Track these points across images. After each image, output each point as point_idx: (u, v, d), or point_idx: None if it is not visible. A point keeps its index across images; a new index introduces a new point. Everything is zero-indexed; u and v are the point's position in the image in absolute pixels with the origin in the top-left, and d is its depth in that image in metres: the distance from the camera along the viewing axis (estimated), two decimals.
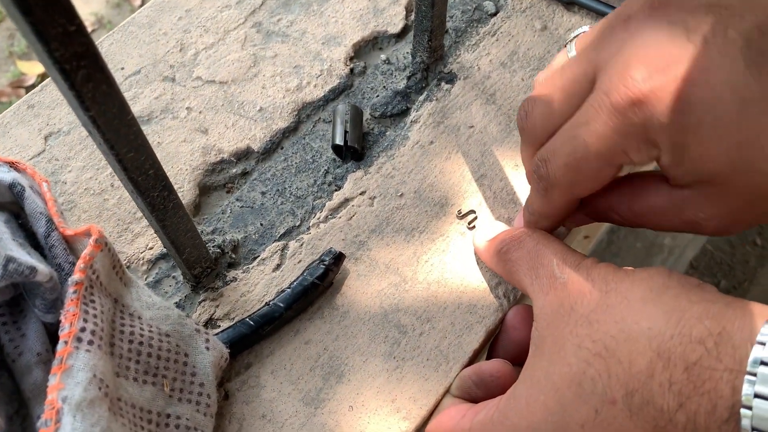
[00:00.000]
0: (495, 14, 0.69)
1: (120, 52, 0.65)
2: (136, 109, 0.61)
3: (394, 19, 0.68)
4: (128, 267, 0.54)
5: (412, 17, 0.69)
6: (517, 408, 0.38)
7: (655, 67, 0.35)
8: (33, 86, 2.10)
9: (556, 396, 0.36)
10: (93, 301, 0.41)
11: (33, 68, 2.13)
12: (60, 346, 0.38)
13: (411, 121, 0.63)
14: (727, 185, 0.36)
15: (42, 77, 2.12)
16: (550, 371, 0.37)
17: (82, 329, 0.39)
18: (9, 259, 0.37)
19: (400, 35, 0.68)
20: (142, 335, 0.44)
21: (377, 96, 0.64)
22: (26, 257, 0.38)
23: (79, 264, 0.41)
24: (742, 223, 0.38)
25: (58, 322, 0.42)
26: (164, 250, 0.55)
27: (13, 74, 2.11)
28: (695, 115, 0.34)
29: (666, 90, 0.34)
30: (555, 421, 0.36)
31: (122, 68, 0.64)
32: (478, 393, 0.47)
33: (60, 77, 0.32)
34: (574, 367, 0.36)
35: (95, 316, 0.41)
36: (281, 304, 0.51)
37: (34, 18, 0.29)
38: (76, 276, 0.40)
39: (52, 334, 0.43)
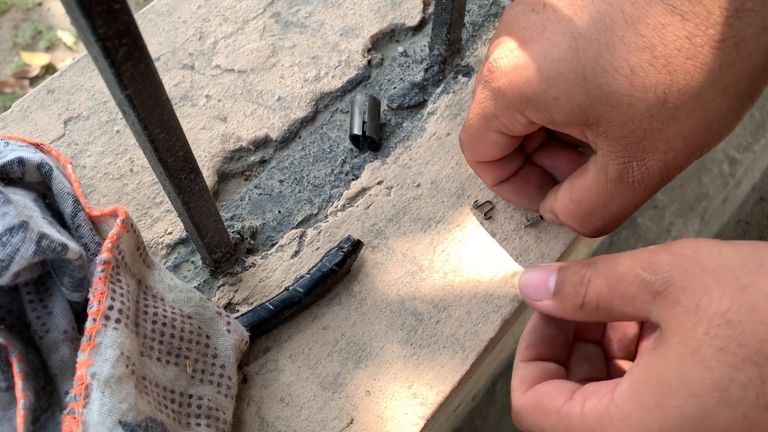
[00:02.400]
0: None
1: None
2: None
3: (411, 12, 0.69)
4: (149, 249, 0.55)
5: (430, 10, 0.69)
6: (642, 408, 0.36)
7: (509, 47, 0.44)
8: (37, 77, 2.10)
9: (694, 402, 0.34)
10: (119, 281, 0.42)
11: (37, 59, 2.13)
12: (89, 324, 0.39)
13: (428, 113, 0.63)
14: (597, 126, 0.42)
15: (46, 69, 2.12)
16: (683, 375, 0.35)
17: (110, 307, 0.40)
18: (42, 236, 0.37)
19: (418, 28, 0.68)
20: (165, 316, 0.45)
21: (394, 88, 0.65)
22: (57, 234, 0.39)
23: (107, 243, 0.41)
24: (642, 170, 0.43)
25: (84, 300, 0.43)
26: (183, 235, 0.56)
27: (17, 65, 2.11)
28: (533, 85, 0.43)
29: (511, 66, 0.44)
30: (693, 425, 0.35)
31: None
32: (550, 332, 0.45)
33: (101, 54, 0.32)
34: (716, 373, 0.34)
35: (122, 295, 0.41)
36: (300, 290, 0.51)
37: None
38: (104, 255, 0.41)
39: (77, 312, 0.44)
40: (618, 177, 0.43)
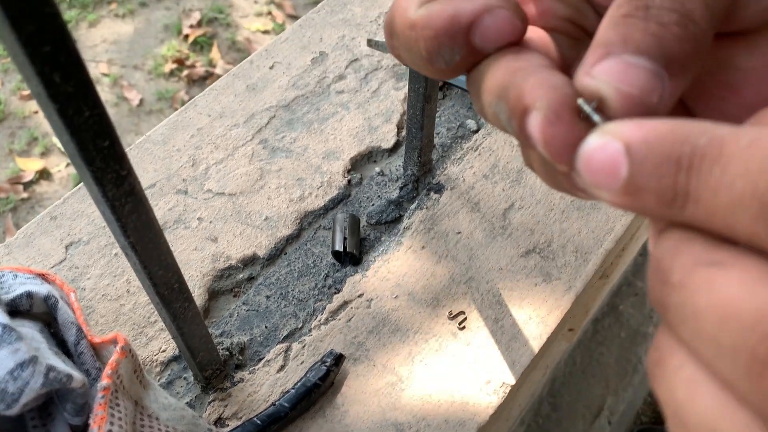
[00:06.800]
0: (477, 131, 0.76)
1: (136, 167, 0.71)
2: None
3: (386, 136, 0.75)
4: (143, 368, 0.58)
5: (403, 133, 0.76)
6: None
7: None
8: (31, 182, 2.16)
9: None
10: (118, 405, 0.45)
11: (31, 165, 2.20)
12: None
13: (404, 228, 0.69)
14: None
15: (40, 174, 2.19)
16: None
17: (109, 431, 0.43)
18: (50, 368, 0.41)
19: (393, 149, 0.75)
20: None
21: (373, 204, 0.70)
22: (63, 366, 0.43)
23: (107, 370, 0.45)
24: None
25: (84, 424, 0.46)
26: (176, 352, 0.59)
27: (12, 171, 2.17)
28: None
29: None
30: None
31: None
32: None
33: (109, 211, 0.37)
34: None
35: (120, 419, 0.44)
36: (286, 404, 0.54)
37: (95, 167, 0.34)
38: (104, 381, 0.44)
39: None
40: None
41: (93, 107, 0.32)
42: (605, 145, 0.20)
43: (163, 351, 0.60)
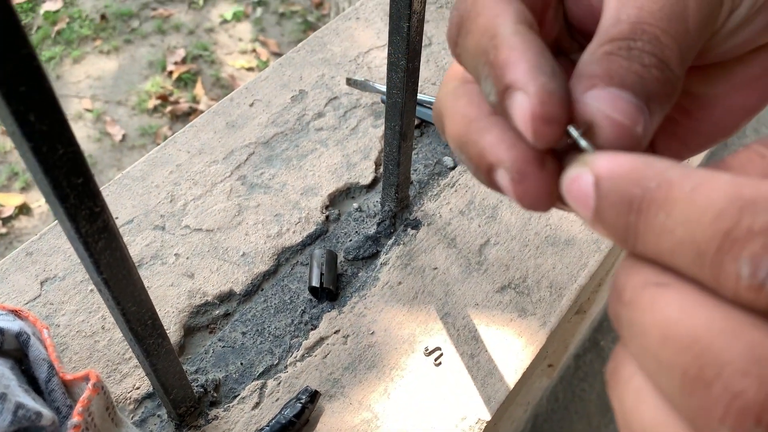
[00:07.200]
0: (453, 168, 0.77)
1: (115, 203, 0.71)
2: None
3: (365, 172, 0.76)
4: (116, 405, 0.58)
5: (381, 170, 0.77)
6: None
7: None
8: (10, 217, 2.14)
9: None
10: None
11: (11, 200, 2.19)
12: None
13: (381, 264, 0.69)
14: None
15: (20, 209, 2.17)
16: None
17: None
18: (18, 406, 0.41)
19: (371, 186, 0.76)
20: None
21: (350, 240, 0.71)
22: (32, 403, 0.42)
23: (78, 407, 0.45)
24: None
25: None
26: (150, 389, 0.59)
27: None
28: None
29: None
30: None
31: (116, 218, 0.70)
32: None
33: (82, 248, 0.37)
34: None
35: None
36: None
37: (68, 204, 0.35)
38: (75, 419, 0.44)
39: None
40: None
41: (67, 145, 0.33)
42: (580, 177, 0.22)
43: (137, 388, 0.59)
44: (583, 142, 0.23)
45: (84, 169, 0.34)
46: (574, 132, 0.23)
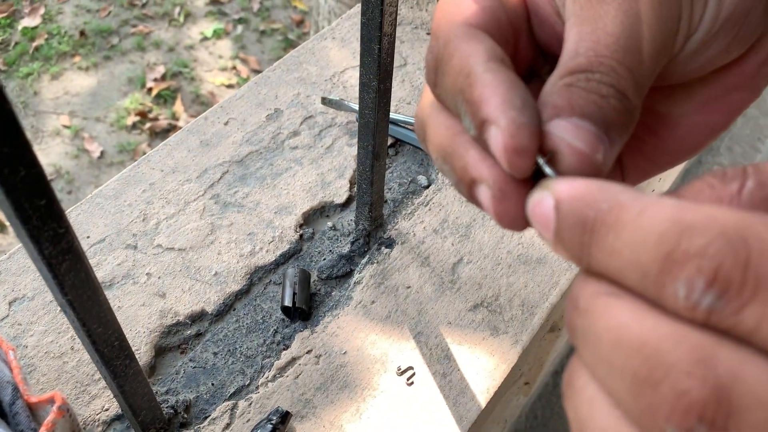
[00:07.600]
0: (428, 187, 0.78)
1: (87, 222, 0.71)
2: (99, 275, 0.66)
3: (339, 191, 0.76)
4: (84, 428, 0.57)
5: (356, 188, 0.77)
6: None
7: None
8: None
9: None
10: None
11: None
12: None
13: (354, 282, 0.69)
14: None
15: None
16: None
17: None
18: None
19: (345, 204, 0.76)
20: None
21: (324, 259, 0.71)
22: None
23: (42, 431, 0.44)
24: None
25: None
26: (119, 411, 0.58)
27: None
28: None
29: None
30: None
31: (88, 237, 0.69)
32: None
33: (46, 269, 0.37)
34: None
35: None
36: None
37: (31, 225, 0.34)
38: None
39: None
40: None
41: (30, 167, 0.33)
42: (542, 200, 0.23)
43: (106, 410, 0.58)
44: (547, 169, 0.24)
45: (47, 189, 0.34)
46: (540, 159, 0.24)
